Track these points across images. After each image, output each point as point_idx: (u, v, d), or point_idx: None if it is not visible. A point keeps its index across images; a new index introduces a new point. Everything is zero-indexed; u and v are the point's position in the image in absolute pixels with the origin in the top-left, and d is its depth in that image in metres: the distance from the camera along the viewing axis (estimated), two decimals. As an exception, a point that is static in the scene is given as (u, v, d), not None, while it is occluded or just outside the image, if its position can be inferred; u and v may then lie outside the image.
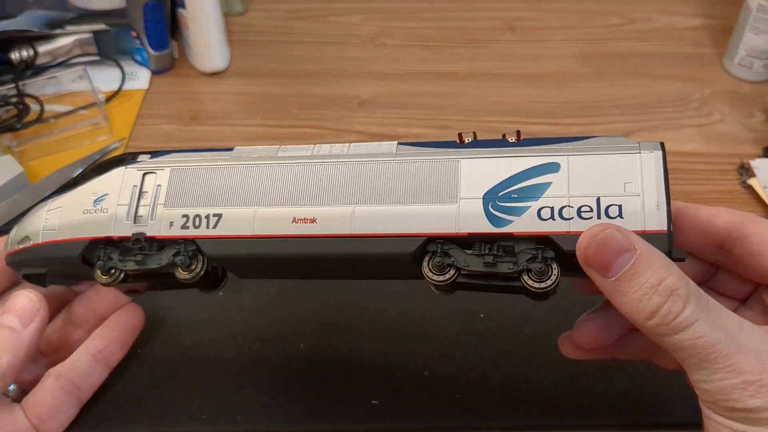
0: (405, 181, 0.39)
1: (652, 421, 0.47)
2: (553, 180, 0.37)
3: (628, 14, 0.89)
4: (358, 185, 0.39)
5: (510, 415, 0.47)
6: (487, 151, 0.38)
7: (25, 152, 0.69)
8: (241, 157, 0.41)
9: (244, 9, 0.89)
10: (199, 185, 0.41)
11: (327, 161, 0.40)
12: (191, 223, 0.41)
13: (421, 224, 0.38)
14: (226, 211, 0.40)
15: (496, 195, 0.37)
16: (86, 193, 0.42)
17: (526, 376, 0.49)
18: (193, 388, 0.49)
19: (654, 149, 0.37)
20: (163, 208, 0.41)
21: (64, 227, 0.42)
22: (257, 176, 0.41)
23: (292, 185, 0.40)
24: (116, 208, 0.41)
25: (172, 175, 0.41)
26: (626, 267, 0.33)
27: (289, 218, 0.39)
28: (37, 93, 0.72)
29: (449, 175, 0.38)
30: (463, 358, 0.50)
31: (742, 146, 0.70)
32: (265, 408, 0.48)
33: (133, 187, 0.42)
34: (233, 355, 0.51)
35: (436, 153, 0.39)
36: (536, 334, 0.52)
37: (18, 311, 0.43)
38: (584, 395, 0.48)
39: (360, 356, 0.50)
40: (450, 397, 0.48)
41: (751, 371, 0.32)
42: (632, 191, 0.36)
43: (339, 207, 0.39)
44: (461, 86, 0.79)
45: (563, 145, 0.38)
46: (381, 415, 0.47)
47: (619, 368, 0.50)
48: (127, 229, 0.41)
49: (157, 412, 0.47)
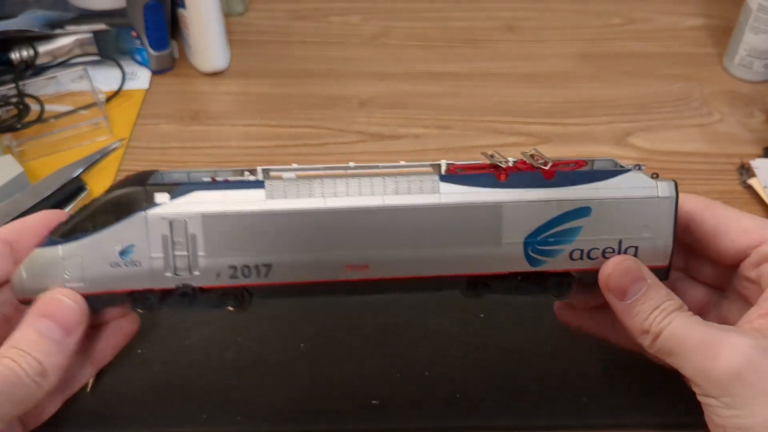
0: (451, 227, 0.41)
1: (652, 420, 0.47)
2: (584, 224, 0.42)
3: (628, 14, 0.89)
4: (407, 230, 0.41)
5: (510, 415, 0.47)
6: (525, 192, 0.41)
7: (25, 152, 0.69)
8: (276, 196, 0.40)
9: (244, 9, 0.89)
10: (239, 233, 0.40)
11: (372, 204, 0.41)
12: (240, 273, 0.41)
13: (468, 266, 0.42)
14: (275, 260, 0.41)
15: (535, 239, 0.42)
16: (107, 243, 0.39)
17: (527, 376, 0.49)
18: (193, 388, 0.49)
19: (669, 192, 0.42)
20: (205, 259, 0.40)
21: (92, 281, 0.40)
22: (302, 223, 0.40)
23: (340, 232, 0.41)
24: (150, 261, 0.40)
25: (205, 223, 0.40)
26: (638, 294, 0.41)
27: (342, 265, 0.41)
28: (38, 93, 0.72)
29: (493, 220, 0.41)
30: (464, 359, 0.50)
31: (742, 146, 0.71)
32: (265, 408, 0.48)
33: (163, 237, 0.40)
34: (233, 355, 0.50)
35: (478, 194, 0.41)
36: (536, 335, 0.52)
37: (60, 319, 0.39)
38: (584, 395, 0.48)
39: (360, 356, 0.50)
40: (450, 397, 0.48)
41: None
42: (647, 235, 0.43)
43: (390, 252, 0.41)
44: (461, 86, 0.79)
45: (594, 187, 0.42)
46: (381, 416, 0.47)
47: (620, 368, 0.50)
48: (169, 282, 0.40)
49: (158, 413, 0.47)
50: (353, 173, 0.42)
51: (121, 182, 0.41)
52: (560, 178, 0.42)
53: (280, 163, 0.67)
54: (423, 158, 0.68)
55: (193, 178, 0.42)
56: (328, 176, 0.42)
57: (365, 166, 0.43)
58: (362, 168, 0.43)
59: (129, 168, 0.68)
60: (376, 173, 0.42)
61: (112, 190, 0.40)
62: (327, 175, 0.42)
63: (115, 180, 0.67)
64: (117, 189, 0.40)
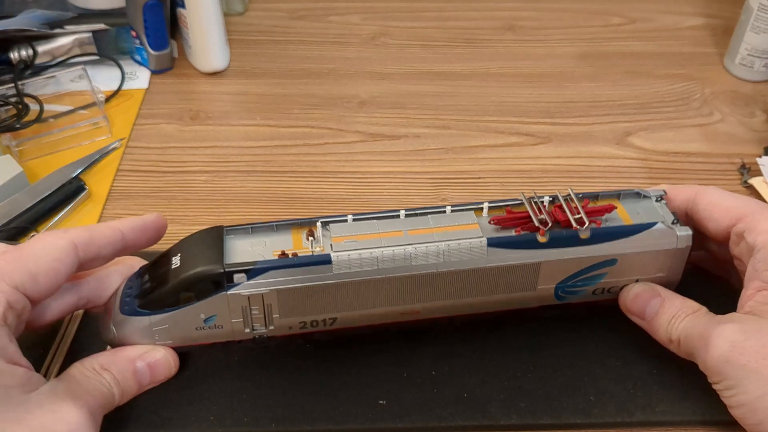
0: (495, 281, 0.47)
1: (658, 419, 0.47)
2: (609, 271, 0.48)
3: (628, 14, 0.89)
4: (456, 287, 0.47)
5: (517, 415, 0.47)
6: (561, 252, 0.47)
7: (25, 152, 0.68)
8: (342, 269, 0.44)
9: (244, 9, 0.88)
10: (309, 300, 0.45)
11: (428, 272, 0.46)
12: (309, 325, 0.47)
13: (503, 305, 0.49)
14: (340, 315, 0.47)
15: (566, 284, 0.49)
16: (192, 315, 0.44)
17: (534, 375, 0.49)
18: (199, 389, 0.48)
19: (686, 243, 0.48)
20: (279, 318, 0.46)
21: (179, 340, 0.46)
22: (364, 289, 0.46)
23: (398, 293, 0.46)
24: (231, 324, 0.45)
25: (280, 295, 0.45)
26: (656, 309, 0.47)
27: (397, 313, 0.48)
28: (37, 93, 0.72)
29: (531, 274, 0.47)
30: (470, 358, 0.50)
31: (743, 146, 0.71)
32: (272, 409, 0.47)
33: (242, 308, 0.45)
34: (239, 357, 0.50)
35: (520, 256, 0.46)
36: (544, 334, 0.52)
37: (155, 370, 0.45)
38: (592, 394, 0.48)
39: (366, 356, 0.50)
40: (457, 396, 0.48)
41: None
42: (661, 274, 0.49)
43: (440, 301, 0.47)
44: (461, 86, 0.78)
45: (622, 243, 0.47)
46: (388, 415, 0.47)
47: (626, 367, 0.50)
48: (247, 335, 0.46)
49: (164, 415, 0.47)
50: (406, 230, 0.47)
51: (196, 240, 0.46)
52: (594, 235, 0.47)
53: (281, 164, 0.68)
54: (423, 158, 0.69)
55: (255, 231, 0.47)
56: (385, 237, 0.46)
57: (415, 213, 0.48)
58: (413, 215, 0.48)
59: (129, 168, 0.68)
60: (426, 231, 0.46)
61: (192, 266, 0.44)
62: (383, 233, 0.46)
63: (114, 180, 0.66)
64: (197, 263, 0.44)
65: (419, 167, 0.68)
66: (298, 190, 0.66)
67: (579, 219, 0.47)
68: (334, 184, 0.67)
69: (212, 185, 0.66)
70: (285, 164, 0.69)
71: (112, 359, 0.44)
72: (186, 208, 0.64)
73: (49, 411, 0.39)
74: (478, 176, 0.67)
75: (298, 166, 0.68)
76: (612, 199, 0.50)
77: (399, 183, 0.67)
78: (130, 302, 0.45)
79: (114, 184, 0.66)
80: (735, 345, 0.42)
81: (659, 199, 0.50)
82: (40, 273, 0.41)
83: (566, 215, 0.47)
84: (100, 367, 0.43)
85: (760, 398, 0.41)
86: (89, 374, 0.43)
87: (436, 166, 0.68)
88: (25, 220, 0.60)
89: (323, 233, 0.46)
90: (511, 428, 0.47)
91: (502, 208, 0.49)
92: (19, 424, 0.38)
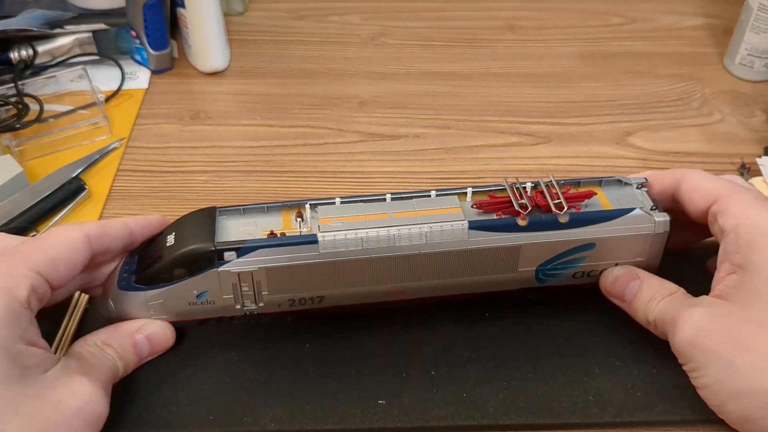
0: (476, 262, 0.48)
1: (659, 419, 0.47)
2: (588, 255, 0.49)
3: (628, 14, 0.89)
4: (440, 267, 0.48)
5: (517, 415, 0.47)
6: (540, 235, 0.48)
7: (25, 152, 0.68)
8: (328, 248, 0.46)
9: (244, 8, 0.89)
10: (296, 278, 0.47)
11: (411, 252, 0.47)
12: (297, 303, 0.49)
13: (485, 287, 0.50)
14: (327, 293, 0.48)
15: (546, 267, 0.50)
16: (185, 290, 0.46)
17: (533, 375, 0.49)
18: (199, 389, 0.48)
19: (664, 229, 0.49)
20: (268, 295, 0.47)
21: (173, 314, 0.48)
22: (350, 268, 0.47)
23: (383, 272, 0.47)
24: (223, 300, 0.47)
25: (268, 272, 0.46)
26: (635, 291, 0.48)
27: (384, 293, 0.49)
28: (37, 92, 0.72)
29: (511, 256, 0.48)
30: (470, 358, 0.50)
31: (743, 146, 0.71)
32: (271, 408, 0.47)
33: (232, 285, 0.47)
34: (239, 356, 0.50)
35: (500, 239, 0.47)
36: (543, 333, 0.52)
37: (154, 343, 0.48)
38: (591, 393, 0.48)
39: (366, 356, 0.50)
40: (457, 396, 0.48)
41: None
42: (640, 258, 0.50)
43: (425, 282, 0.49)
44: (461, 86, 0.78)
45: (600, 227, 0.48)
46: (387, 415, 0.47)
47: (626, 366, 0.50)
48: (237, 311, 0.48)
49: (164, 414, 0.47)
50: (391, 212, 0.48)
51: (190, 220, 0.48)
52: (573, 220, 0.48)
53: (281, 164, 0.68)
54: (423, 158, 0.69)
55: (247, 212, 0.49)
56: (371, 219, 0.47)
57: (399, 196, 0.49)
58: (399, 198, 0.49)
59: (129, 168, 0.68)
60: (410, 214, 0.48)
61: (185, 244, 0.46)
62: (369, 215, 0.48)
63: (114, 180, 0.66)
64: (190, 241, 0.46)
65: (419, 167, 0.68)
66: (298, 190, 0.66)
67: (558, 204, 0.48)
68: (334, 184, 0.67)
69: (212, 185, 0.66)
70: (285, 164, 0.69)
71: (112, 334, 0.47)
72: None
73: (65, 386, 0.41)
74: (478, 176, 0.67)
75: (298, 166, 0.68)
76: (593, 185, 0.52)
77: (399, 183, 0.67)
78: (128, 278, 0.47)
79: (114, 184, 0.66)
80: (701, 329, 0.43)
81: (640, 186, 0.51)
82: (60, 261, 0.43)
83: (546, 200, 0.48)
84: (102, 342, 0.46)
85: (721, 381, 0.42)
86: (94, 350, 0.45)
87: (436, 166, 0.68)
88: (25, 220, 0.60)
89: (311, 215, 0.48)
90: (511, 428, 0.47)
91: (486, 193, 0.50)
92: (41, 401, 0.40)
